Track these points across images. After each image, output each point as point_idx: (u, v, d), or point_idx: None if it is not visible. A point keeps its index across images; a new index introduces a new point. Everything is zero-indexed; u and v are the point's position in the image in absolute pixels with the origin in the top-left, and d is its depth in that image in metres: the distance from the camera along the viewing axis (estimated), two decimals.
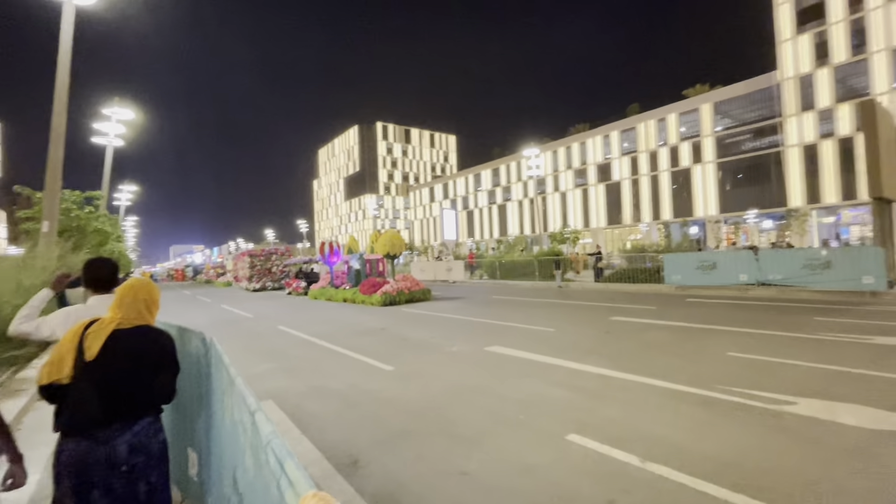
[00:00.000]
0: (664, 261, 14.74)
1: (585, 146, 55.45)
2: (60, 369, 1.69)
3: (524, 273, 20.90)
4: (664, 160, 47.74)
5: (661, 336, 7.44)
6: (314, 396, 5.12)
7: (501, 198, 66.95)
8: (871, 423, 3.64)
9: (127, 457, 1.68)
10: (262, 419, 0.99)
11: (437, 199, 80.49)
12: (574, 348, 6.82)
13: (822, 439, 3.41)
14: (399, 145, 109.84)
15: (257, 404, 1.09)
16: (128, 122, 19.49)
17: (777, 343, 6.55)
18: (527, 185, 62.13)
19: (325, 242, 19.69)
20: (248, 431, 1.12)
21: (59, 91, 9.80)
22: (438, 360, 6.55)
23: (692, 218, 45.19)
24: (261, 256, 29.56)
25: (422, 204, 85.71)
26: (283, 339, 9.20)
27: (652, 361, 5.85)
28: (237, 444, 1.32)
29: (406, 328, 9.64)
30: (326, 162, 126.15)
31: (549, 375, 5.43)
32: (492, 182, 68.93)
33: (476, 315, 11.03)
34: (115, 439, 1.68)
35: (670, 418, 3.94)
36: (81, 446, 1.64)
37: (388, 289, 14.57)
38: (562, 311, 11.17)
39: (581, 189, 55.80)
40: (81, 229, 15.44)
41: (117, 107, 18.71)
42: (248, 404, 1.12)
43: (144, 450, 1.73)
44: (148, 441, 1.74)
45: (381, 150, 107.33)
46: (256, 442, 0.98)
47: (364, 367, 6.37)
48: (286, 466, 0.80)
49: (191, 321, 12.78)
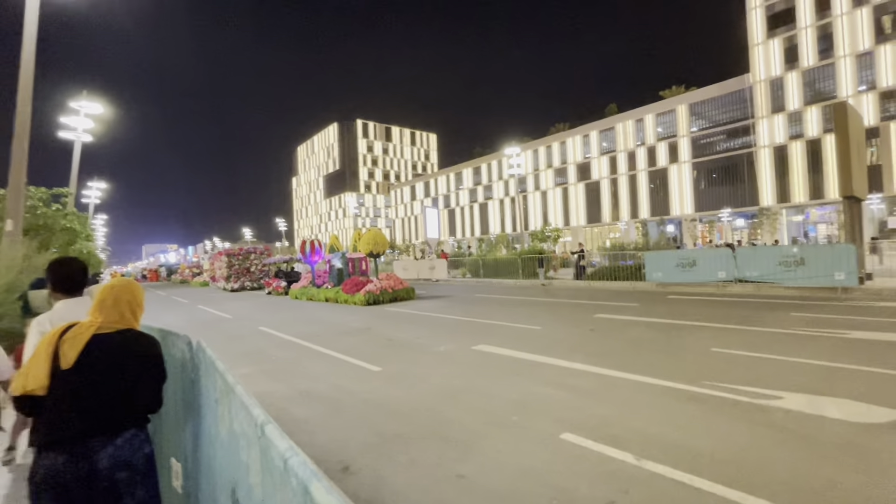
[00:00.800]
0: (645, 259, 14.98)
1: (565, 146, 56.13)
2: (35, 379, 1.55)
3: (508, 271, 20.98)
4: (642, 160, 48.71)
5: (645, 333, 7.53)
6: (300, 400, 4.98)
7: (483, 196, 67.20)
8: (856, 417, 3.72)
9: (109, 473, 1.54)
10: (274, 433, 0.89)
11: (419, 197, 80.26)
12: (561, 346, 6.83)
13: (810, 434, 3.47)
14: (380, 143, 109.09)
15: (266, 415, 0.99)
16: (97, 116, 18.71)
17: (757, 338, 6.70)
18: (508, 183, 62.53)
19: (306, 241, 19.35)
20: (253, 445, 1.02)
21: (23, 81, 9.30)
22: (426, 360, 6.48)
23: (669, 216, 46.27)
24: (239, 255, 28.90)
25: (403, 202, 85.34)
26: (265, 340, 8.97)
27: (639, 358, 5.90)
28: (237, 458, 1.21)
29: (391, 328, 9.53)
30: (306, 159, 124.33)
31: (539, 374, 5.42)
32: (473, 181, 69.12)
33: (461, 314, 10.99)
34: (95, 454, 1.54)
35: (662, 415, 3.96)
36: (59, 462, 1.50)
37: (372, 288, 14.40)
38: (546, 308, 11.21)
39: (561, 188, 56.47)
40: (49, 228, 14.75)
41: (85, 100, 17.94)
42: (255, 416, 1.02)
43: (127, 465, 1.59)
44: (132, 455, 1.61)
45: (362, 147, 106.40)
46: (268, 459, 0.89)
47: (350, 368, 6.24)
48: (312, 489, 0.71)
49: (166, 323, 12.36)
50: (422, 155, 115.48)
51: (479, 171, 68.18)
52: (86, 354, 1.58)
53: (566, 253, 23.99)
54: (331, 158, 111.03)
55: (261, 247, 32.16)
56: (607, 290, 15.06)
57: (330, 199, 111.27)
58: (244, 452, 1.13)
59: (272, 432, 0.90)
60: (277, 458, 0.83)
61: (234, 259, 28.56)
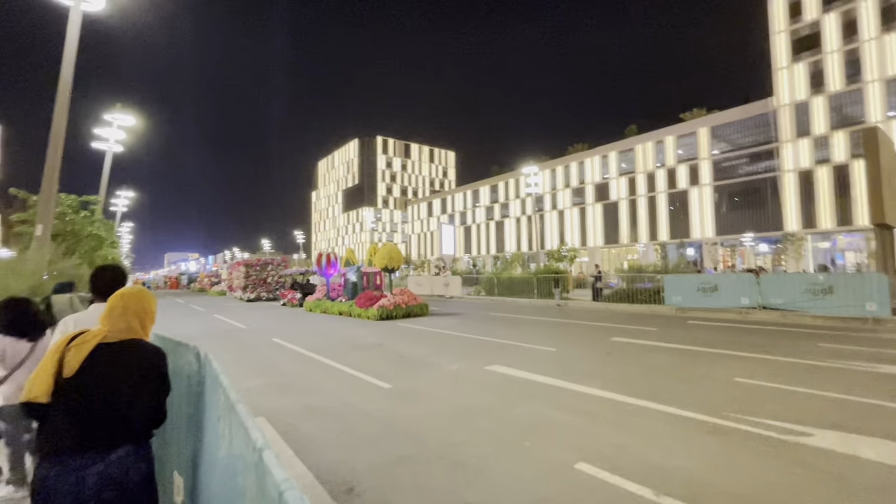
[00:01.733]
0: (665, 282, 14.65)
1: (584, 166, 55.95)
2: (38, 385, 1.53)
3: (522, 290, 20.76)
4: (661, 181, 48.18)
5: (664, 359, 7.29)
6: (308, 415, 4.92)
7: (499, 214, 67.15)
8: (892, 459, 3.48)
9: (96, 490, 1.46)
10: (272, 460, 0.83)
11: (435, 213, 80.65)
12: (577, 369, 6.65)
13: (842, 474, 3.25)
14: (399, 159, 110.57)
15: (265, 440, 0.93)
16: (128, 127, 19.44)
17: (784, 369, 6.41)
18: (525, 202, 62.43)
19: (322, 254, 19.52)
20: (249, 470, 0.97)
21: (61, 94, 9.72)
22: (437, 378, 6.37)
23: (689, 239, 45.41)
24: (256, 266, 29.30)
25: (419, 218, 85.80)
26: (277, 352, 8.98)
27: (657, 385, 5.69)
28: (233, 483, 1.16)
29: (403, 344, 9.45)
30: (326, 174, 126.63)
31: (553, 398, 5.26)
32: (490, 198, 69.23)
33: (475, 332, 10.85)
34: (85, 469, 1.47)
35: (682, 447, 3.78)
36: (51, 473, 1.46)
37: (385, 303, 14.37)
38: (562, 330, 11.01)
39: (579, 208, 56.09)
40: (75, 234, 15.21)
41: (119, 112, 18.67)
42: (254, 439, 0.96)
43: (117, 483, 1.50)
44: (123, 473, 1.52)
45: (381, 163, 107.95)
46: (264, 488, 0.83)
47: (360, 384, 6.17)
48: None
49: (182, 331, 12.52)
50: (440, 172, 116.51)
51: (496, 189, 68.30)
52: (88, 364, 1.54)
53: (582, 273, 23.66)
54: (350, 173, 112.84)
55: (278, 258, 32.59)
56: (624, 312, 14.74)
57: (348, 213, 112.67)
58: (241, 476, 1.08)
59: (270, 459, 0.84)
60: (273, 489, 0.78)
61: (252, 269, 28.96)
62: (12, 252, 12.38)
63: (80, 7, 10.09)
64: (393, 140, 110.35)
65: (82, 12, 10.19)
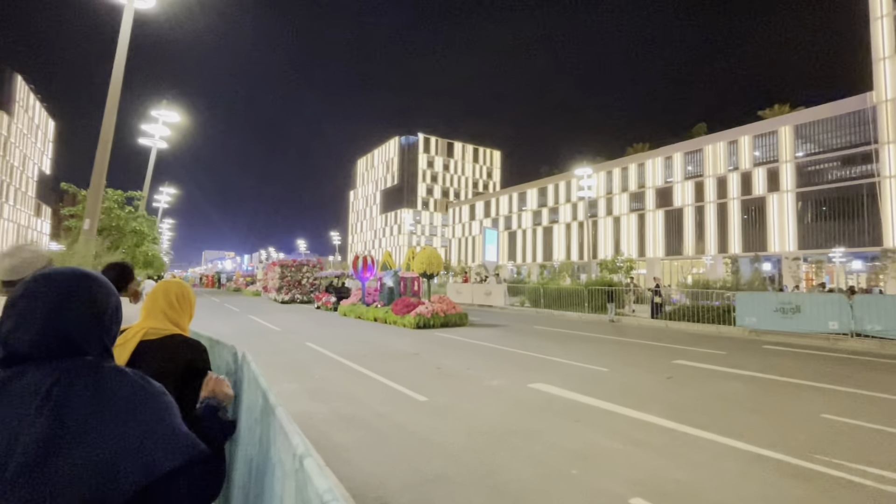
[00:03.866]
0: (737, 300, 13.93)
1: (644, 168, 54.19)
2: None
3: (571, 303, 20.34)
4: (734, 186, 45.84)
5: (735, 387, 6.92)
6: (341, 424, 5.02)
7: (548, 219, 66.23)
8: None
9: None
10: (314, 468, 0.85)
11: (478, 217, 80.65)
12: (632, 393, 6.43)
13: None
14: (441, 159, 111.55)
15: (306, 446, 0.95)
16: (173, 124, 20.77)
17: (882, 407, 5.89)
18: (576, 206, 61.22)
19: (359, 256, 19.96)
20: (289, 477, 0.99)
21: (112, 92, 10.53)
22: (476, 393, 6.33)
23: (765, 253, 42.86)
24: (292, 267, 30.37)
25: (461, 221, 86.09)
26: (310, 356, 9.25)
27: (726, 416, 5.39)
28: (271, 489, 1.19)
29: (441, 355, 9.50)
30: (364, 173, 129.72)
31: (605, 423, 5.09)
32: (538, 202, 68.44)
33: (518, 346, 10.76)
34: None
35: (756, 490, 3.54)
36: None
37: (423, 310, 14.49)
38: (616, 348, 10.73)
39: (637, 214, 54.34)
40: (120, 229, 16.39)
41: (164, 109, 20.00)
42: (294, 445, 0.98)
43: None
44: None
45: (422, 162, 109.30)
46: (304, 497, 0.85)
47: (395, 395, 6.23)
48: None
49: (216, 331, 13.15)
50: (484, 172, 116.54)
51: (544, 192, 67.46)
52: (133, 363, 1.63)
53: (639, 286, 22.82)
54: (389, 173, 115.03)
55: (314, 259, 33.63)
56: (687, 333, 14.13)
57: (386, 214, 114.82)
58: (279, 484, 1.10)
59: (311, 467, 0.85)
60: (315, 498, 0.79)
61: (287, 270, 30.05)
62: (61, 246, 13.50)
63: (133, 5, 10.91)
64: (436, 138, 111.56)
65: (134, 10, 11.01)
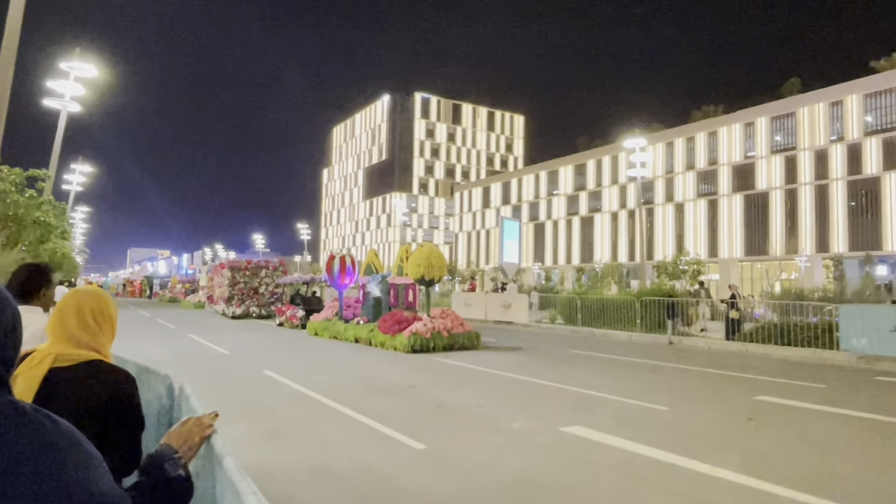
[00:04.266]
0: (841, 315, 13.90)
1: (716, 138, 54.07)
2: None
3: (619, 319, 20.32)
4: (838, 163, 45.64)
5: (838, 432, 6.95)
6: (311, 481, 5.04)
7: (587, 207, 66.29)
8: None
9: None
10: None
11: (494, 203, 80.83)
12: (700, 439, 6.46)
13: None
14: (444, 126, 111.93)
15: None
16: (89, 81, 20.84)
17: None
18: (625, 190, 61.20)
19: (334, 256, 20.02)
20: None
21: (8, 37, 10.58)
22: (491, 440, 6.35)
23: (880, 253, 42.65)
24: (245, 271, 30.55)
25: (471, 210, 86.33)
26: (270, 389, 9.29)
27: (825, 471, 5.41)
28: None
29: (444, 388, 9.54)
30: (342, 145, 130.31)
31: (663, 480, 5.10)
32: (574, 184, 68.51)
33: (547, 376, 10.80)
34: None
35: None
36: None
37: (420, 328, 14.52)
38: (677, 379, 10.78)
39: (707, 200, 54.25)
40: (19, 219, 16.49)
41: (77, 60, 20.05)
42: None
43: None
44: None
45: (419, 131, 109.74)
46: None
47: (383, 440, 6.26)
48: None
49: (145, 355, 13.22)
50: (502, 144, 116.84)
51: (582, 171, 67.51)
52: (43, 398, 1.62)
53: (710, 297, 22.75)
54: (376, 145, 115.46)
55: (274, 261, 33.79)
56: (774, 359, 14.14)
57: (371, 200, 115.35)
58: None
59: None
60: None
61: (240, 275, 30.21)
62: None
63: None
64: (437, 98, 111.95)
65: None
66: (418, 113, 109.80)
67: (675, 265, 40.62)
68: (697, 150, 55.60)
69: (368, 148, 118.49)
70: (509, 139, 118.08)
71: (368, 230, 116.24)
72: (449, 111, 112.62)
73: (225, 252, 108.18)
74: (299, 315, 22.18)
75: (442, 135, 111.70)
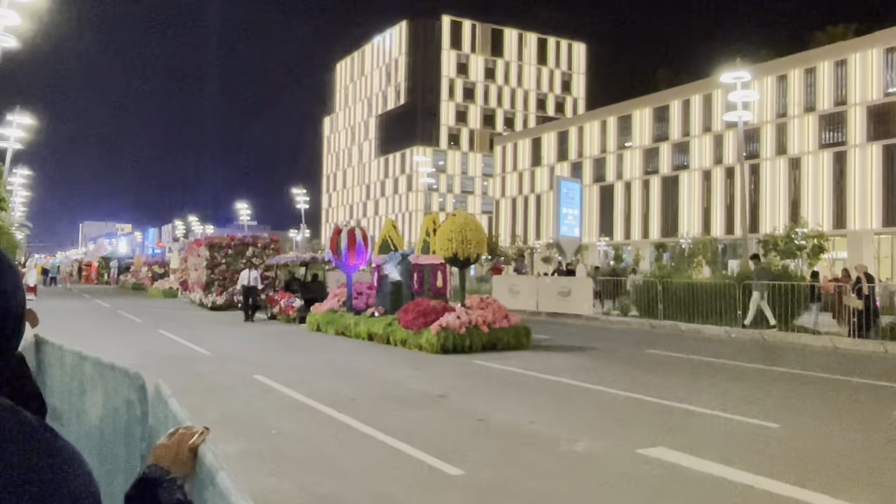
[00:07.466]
0: None
1: (845, 68, 52.46)
2: None
3: (712, 309, 20.10)
4: None
5: None
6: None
7: (669, 164, 65.32)
8: None
9: None
10: None
11: (547, 160, 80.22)
12: (823, 465, 6.43)
13: None
14: (480, 59, 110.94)
15: None
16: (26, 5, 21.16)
17: None
18: (722, 140, 60.00)
19: (341, 230, 20.10)
20: None
21: None
22: (547, 464, 6.38)
23: None
24: (227, 249, 30.87)
25: (517, 169, 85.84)
26: (263, 399, 9.44)
27: None
28: None
29: (485, 398, 9.59)
30: (349, 85, 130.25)
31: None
32: (653, 133, 67.48)
33: (617, 384, 10.80)
34: None
35: None
36: None
37: (452, 322, 14.54)
38: (791, 387, 10.76)
39: (832, 152, 52.88)
40: None
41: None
42: None
43: None
44: None
45: (448, 66, 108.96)
46: None
47: (408, 465, 6.32)
48: None
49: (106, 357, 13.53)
50: (557, 83, 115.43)
51: (663, 115, 66.36)
52: None
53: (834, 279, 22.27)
54: (392, 85, 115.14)
55: (264, 236, 34.07)
56: None
57: (386, 157, 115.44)
58: None
59: None
60: None
61: (221, 254, 30.56)
62: None
63: None
64: (471, 23, 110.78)
65: None
66: (447, 42, 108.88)
67: (788, 239, 39.84)
68: (818, 86, 54.01)
69: (382, 89, 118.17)
70: (566, 75, 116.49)
71: (383, 196, 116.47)
72: (487, 39, 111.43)
73: (201, 226, 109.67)
74: (296, 305, 22.36)
75: (478, 71, 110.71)
